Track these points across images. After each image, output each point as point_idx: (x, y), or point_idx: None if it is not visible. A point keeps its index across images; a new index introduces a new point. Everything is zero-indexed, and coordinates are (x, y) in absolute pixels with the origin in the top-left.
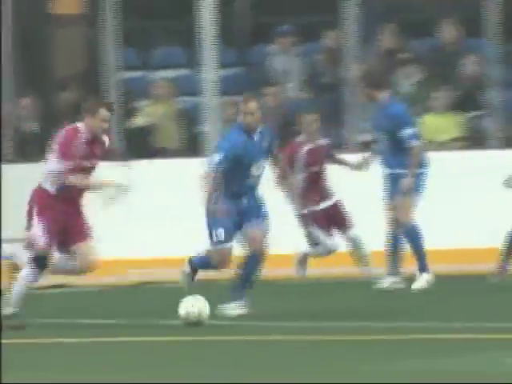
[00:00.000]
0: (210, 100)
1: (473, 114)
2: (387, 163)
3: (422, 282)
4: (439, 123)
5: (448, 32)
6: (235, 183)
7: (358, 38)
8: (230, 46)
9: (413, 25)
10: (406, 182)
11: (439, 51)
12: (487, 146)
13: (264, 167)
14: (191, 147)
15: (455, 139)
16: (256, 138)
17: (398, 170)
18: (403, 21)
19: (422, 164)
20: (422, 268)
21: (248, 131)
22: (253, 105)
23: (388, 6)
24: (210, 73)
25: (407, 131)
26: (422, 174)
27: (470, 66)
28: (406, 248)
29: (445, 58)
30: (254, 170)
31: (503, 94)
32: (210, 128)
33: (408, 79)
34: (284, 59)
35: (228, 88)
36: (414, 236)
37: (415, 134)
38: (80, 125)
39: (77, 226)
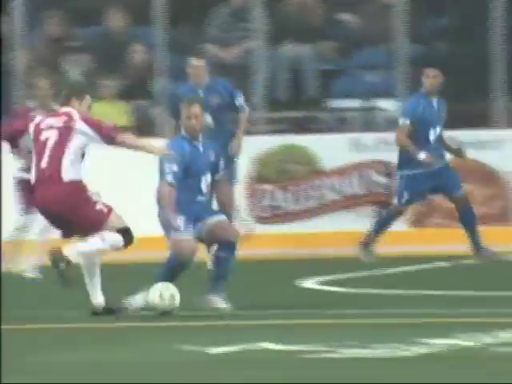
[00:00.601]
0: None
1: (141, 102)
2: None
3: None
4: (107, 111)
5: (115, 20)
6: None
7: (24, 24)
8: None
9: (80, 12)
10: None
11: (107, 39)
12: (156, 134)
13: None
14: None
15: (122, 127)
16: (201, 148)
17: None
18: (70, 8)
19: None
20: None
21: (191, 137)
22: (198, 108)
23: None
24: None
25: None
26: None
27: (137, 54)
28: None
29: (112, 47)
30: (203, 185)
31: (171, 83)
32: None
33: (76, 67)
34: None
35: None
36: None
37: None
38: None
39: None
